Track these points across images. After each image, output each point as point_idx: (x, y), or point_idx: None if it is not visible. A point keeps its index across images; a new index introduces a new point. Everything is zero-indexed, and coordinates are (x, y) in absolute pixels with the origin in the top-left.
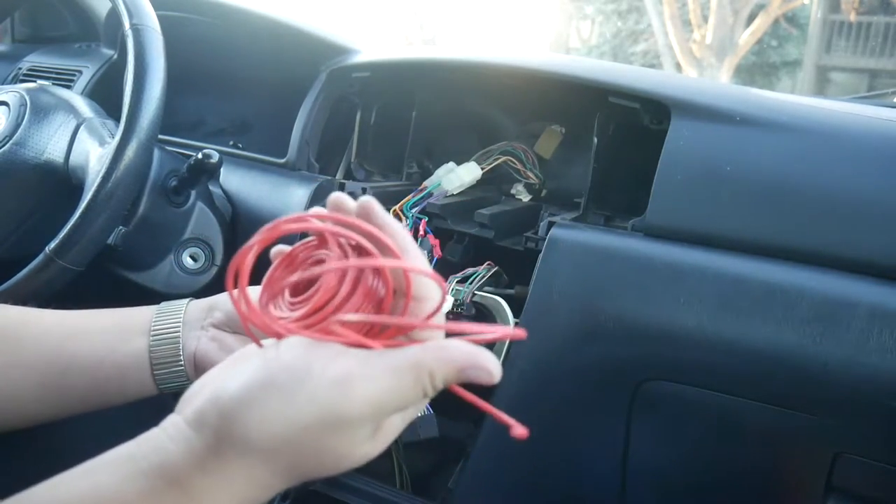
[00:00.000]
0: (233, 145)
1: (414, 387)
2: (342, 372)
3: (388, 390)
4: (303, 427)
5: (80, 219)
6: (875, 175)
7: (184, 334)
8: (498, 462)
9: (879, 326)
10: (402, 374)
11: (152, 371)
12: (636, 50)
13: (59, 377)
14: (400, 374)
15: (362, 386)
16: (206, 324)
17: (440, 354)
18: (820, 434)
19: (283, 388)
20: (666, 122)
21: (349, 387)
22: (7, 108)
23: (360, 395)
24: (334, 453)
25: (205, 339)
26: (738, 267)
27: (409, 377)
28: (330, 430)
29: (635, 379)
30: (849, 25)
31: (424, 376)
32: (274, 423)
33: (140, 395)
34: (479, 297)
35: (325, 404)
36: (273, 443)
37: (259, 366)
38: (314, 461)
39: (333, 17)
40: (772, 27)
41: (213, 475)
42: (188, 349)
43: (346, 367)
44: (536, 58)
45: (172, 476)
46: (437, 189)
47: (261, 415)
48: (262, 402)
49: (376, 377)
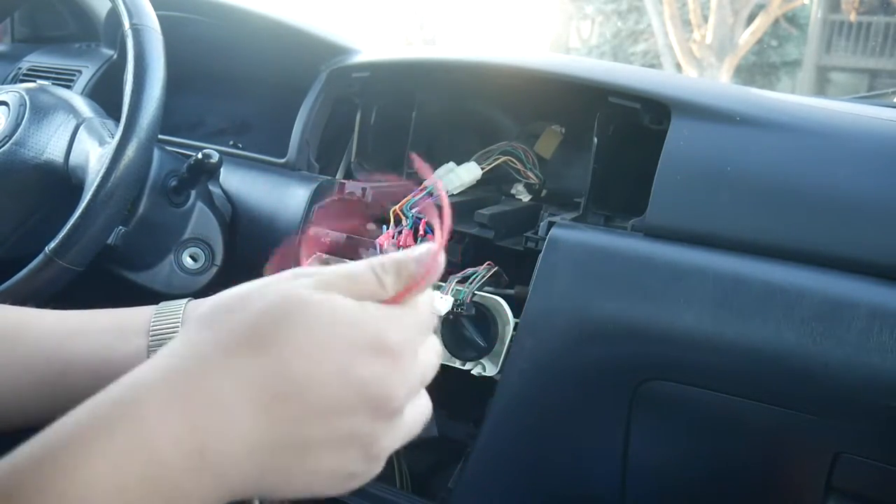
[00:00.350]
0: (233, 145)
1: (371, 278)
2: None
3: (332, 269)
4: (249, 297)
5: (80, 219)
6: (875, 175)
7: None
8: (498, 462)
9: (879, 326)
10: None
11: None
12: (636, 50)
13: (58, 377)
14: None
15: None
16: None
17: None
18: (820, 434)
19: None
20: (666, 122)
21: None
22: (7, 107)
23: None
24: (290, 305)
25: None
26: (738, 267)
27: (366, 273)
28: (278, 284)
29: (635, 379)
30: (849, 25)
31: (377, 268)
32: (223, 305)
33: None
34: (479, 297)
35: (270, 282)
36: (206, 309)
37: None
38: (274, 323)
39: (333, 17)
40: (772, 27)
41: (183, 359)
42: None
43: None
44: (536, 58)
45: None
46: None
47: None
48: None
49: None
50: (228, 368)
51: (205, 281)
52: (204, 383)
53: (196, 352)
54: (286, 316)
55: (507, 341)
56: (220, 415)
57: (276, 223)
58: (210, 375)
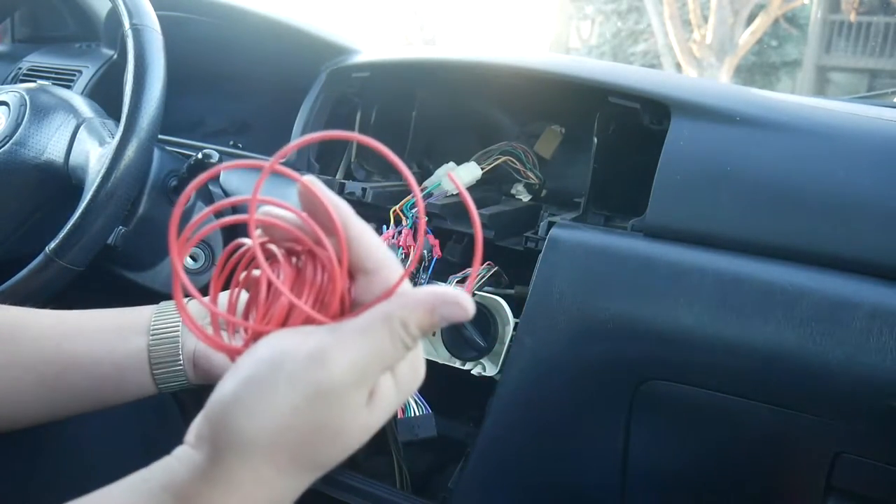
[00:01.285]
0: (233, 145)
1: (391, 340)
2: (314, 347)
3: (365, 350)
4: (290, 410)
5: (80, 219)
6: (875, 175)
7: (183, 334)
8: (498, 462)
9: (880, 326)
10: (374, 331)
11: (151, 370)
12: (636, 50)
13: (58, 377)
14: (372, 332)
15: (338, 353)
16: (206, 323)
17: (406, 301)
18: (820, 434)
19: (263, 379)
20: (666, 122)
21: (325, 358)
22: (7, 108)
23: (337, 363)
24: (332, 430)
25: None
26: (738, 267)
27: (382, 332)
28: (319, 406)
29: (635, 379)
30: (849, 25)
31: (398, 327)
32: (261, 415)
33: (139, 394)
34: (479, 297)
35: (307, 381)
36: (267, 435)
37: (239, 367)
38: (316, 444)
39: (333, 17)
40: (772, 27)
41: (218, 484)
42: (187, 348)
43: (318, 341)
44: (536, 58)
45: (180, 491)
46: (437, 189)
47: (247, 411)
48: (245, 399)
49: (349, 341)
50: (277, 482)
51: (205, 281)
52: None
53: (245, 479)
54: (341, 436)
55: (507, 341)
56: None
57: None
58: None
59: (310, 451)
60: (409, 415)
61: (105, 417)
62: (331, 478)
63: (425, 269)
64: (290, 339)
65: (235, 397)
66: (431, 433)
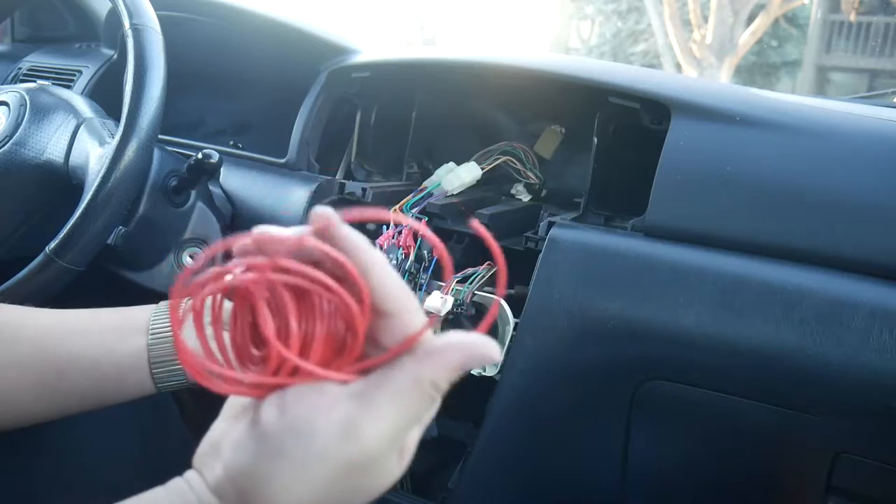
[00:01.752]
0: (233, 145)
1: (421, 402)
2: (345, 419)
3: (397, 418)
4: (325, 484)
5: (80, 219)
6: (875, 175)
7: (183, 333)
8: (498, 462)
9: (880, 326)
10: (405, 396)
11: (151, 370)
12: (636, 50)
13: (57, 376)
14: (404, 398)
15: (371, 426)
16: (206, 323)
17: (437, 362)
18: (820, 434)
19: (293, 455)
20: (666, 123)
21: (358, 432)
22: (7, 108)
23: (372, 436)
24: (366, 491)
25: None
26: (738, 267)
27: (413, 396)
28: (355, 475)
29: (635, 379)
30: (849, 25)
31: (427, 388)
32: (295, 491)
33: (139, 393)
34: (478, 297)
35: (341, 458)
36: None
37: (262, 433)
38: (350, 502)
39: (333, 17)
40: (772, 27)
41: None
42: None
43: (348, 413)
44: (536, 58)
45: None
46: (437, 189)
47: (280, 488)
48: (277, 476)
49: (382, 411)
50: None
51: None
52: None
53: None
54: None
55: (507, 341)
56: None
57: (276, 223)
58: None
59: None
60: None
61: (104, 417)
62: None
63: (425, 270)
64: (313, 403)
65: (265, 473)
66: (432, 433)
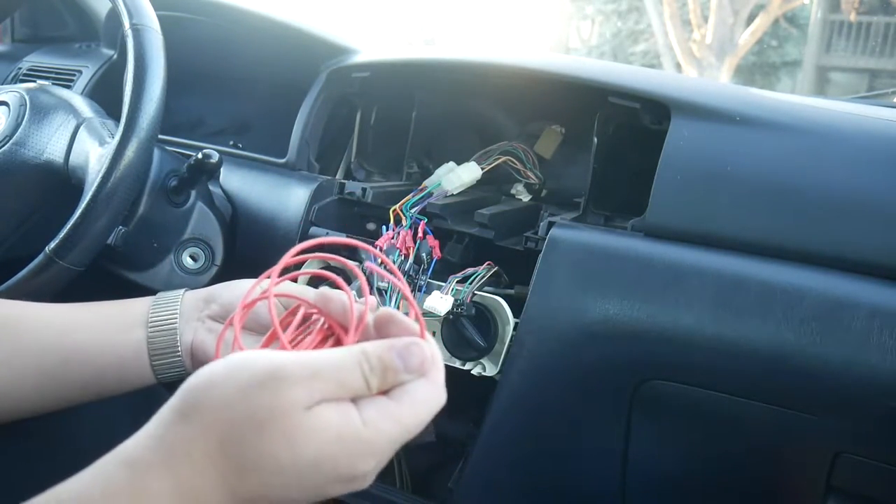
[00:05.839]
0: (233, 145)
1: (350, 370)
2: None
3: (317, 355)
4: (234, 392)
5: (80, 219)
6: (875, 175)
7: (181, 325)
8: (498, 462)
9: (880, 326)
10: (327, 349)
11: (151, 361)
12: (636, 50)
13: (58, 368)
14: (327, 350)
15: (294, 355)
16: (203, 315)
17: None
18: (820, 434)
19: (231, 370)
20: (666, 122)
21: (282, 357)
22: (7, 107)
23: (292, 359)
24: (274, 420)
25: (202, 331)
26: (738, 267)
27: (339, 353)
28: (266, 392)
29: (635, 379)
30: (849, 25)
31: (368, 360)
32: (209, 394)
33: (139, 384)
34: (478, 297)
35: (259, 371)
36: (210, 411)
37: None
38: (256, 432)
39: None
40: (772, 27)
41: (155, 452)
42: (185, 340)
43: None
44: (536, 58)
45: (125, 457)
46: (437, 189)
47: (198, 385)
48: (202, 380)
49: (308, 352)
50: (207, 470)
51: (205, 281)
52: (184, 479)
53: (178, 450)
54: (271, 433)
55: (507, 341)
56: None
57: (276, 223)
58: (190, 473)
59: (251, 438)
60: None
61: (101, 411)
62: None
63: (424, 271)
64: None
65: (193, 381)
66: (430, 438)
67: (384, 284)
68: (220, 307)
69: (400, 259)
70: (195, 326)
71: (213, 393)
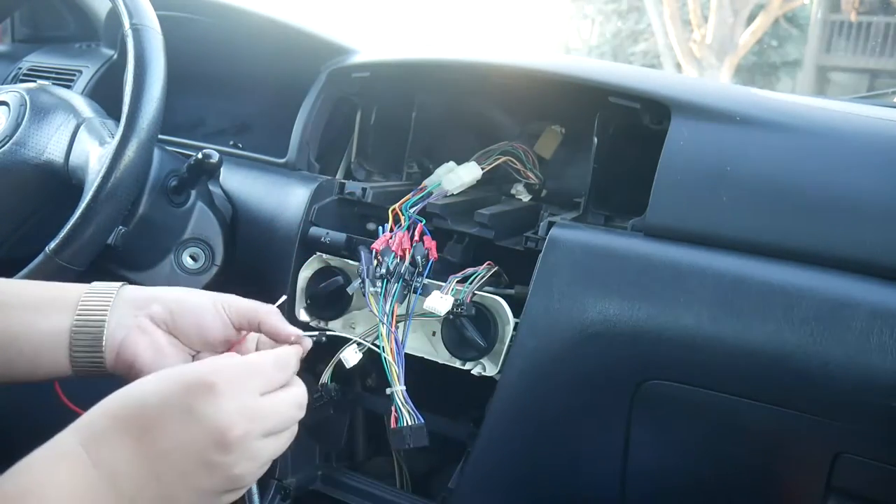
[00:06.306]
0: (233, 145)
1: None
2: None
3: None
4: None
5: (80, 219)
6: (875, 175)
7: (111, 319)
8: (498, 462)
9: (880, 326)
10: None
11: (70, 351)
12: (636, 50)
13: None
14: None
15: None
16: (141, 314)
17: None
18: (820, 434)
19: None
20: (666, 122)
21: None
22: (7, 107)
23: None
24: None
25: (135, 331)
26: (738, 267)
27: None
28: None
29: (635, 379)
30: (849, 25)
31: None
32: None
33: (53, 375)
34: (478, 297)
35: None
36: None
37: None
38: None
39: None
40: (772, 27)
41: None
42: (114, 336)
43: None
44: (536, 58)
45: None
46: (437, 189)
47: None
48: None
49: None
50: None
51: (205, 280)
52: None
53: (96, 431)
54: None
55: (507, 341)
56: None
57: (276, 223)
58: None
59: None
60: (401, 425)
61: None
62: (331, 478)
63: (420, 274)
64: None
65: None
66: (423, 443)
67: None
68: (163, 310)
69: (396, 261)
70: (128, 324)
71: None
